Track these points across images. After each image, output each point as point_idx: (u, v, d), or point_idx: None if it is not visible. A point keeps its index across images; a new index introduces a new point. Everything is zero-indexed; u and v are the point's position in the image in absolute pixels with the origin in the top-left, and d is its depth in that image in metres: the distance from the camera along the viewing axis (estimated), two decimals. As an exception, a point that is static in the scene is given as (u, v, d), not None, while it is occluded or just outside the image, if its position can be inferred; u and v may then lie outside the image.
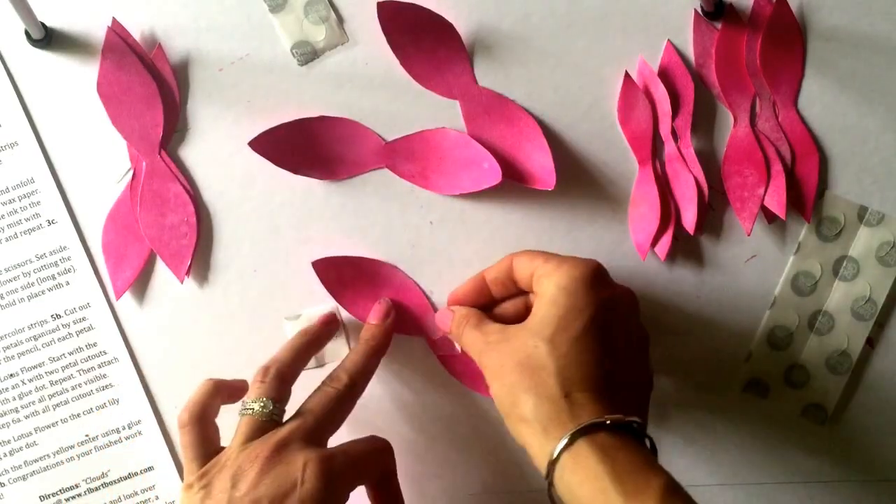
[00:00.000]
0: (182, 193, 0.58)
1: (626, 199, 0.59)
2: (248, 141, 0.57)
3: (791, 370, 0.60)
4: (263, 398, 0.51)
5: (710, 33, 0.58)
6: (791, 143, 0.58)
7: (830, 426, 0.61)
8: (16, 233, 0.58)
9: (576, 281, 0.49)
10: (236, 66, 0.59)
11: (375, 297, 0.58)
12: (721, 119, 0.59)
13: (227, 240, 0.59)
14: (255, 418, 0.50)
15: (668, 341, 0.59)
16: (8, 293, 0.58)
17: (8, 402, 0.59)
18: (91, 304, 0.59)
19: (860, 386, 0.60)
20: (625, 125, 0.58)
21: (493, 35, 0.58)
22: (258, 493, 0.46)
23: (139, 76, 0.57)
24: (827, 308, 0.60)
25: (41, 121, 0.58)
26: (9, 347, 0.58)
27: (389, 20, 0.57)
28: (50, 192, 0.58)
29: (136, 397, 0.59)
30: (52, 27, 0.58)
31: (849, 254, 0.59)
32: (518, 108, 0.58)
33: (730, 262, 0.59)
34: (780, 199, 0.58)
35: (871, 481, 0.61)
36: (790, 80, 0.58)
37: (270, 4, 0.58)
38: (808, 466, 0.61)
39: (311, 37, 0.58)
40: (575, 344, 0.47)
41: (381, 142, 0.58)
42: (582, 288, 0.49)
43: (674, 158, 0.58)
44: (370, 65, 0.59)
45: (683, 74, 0.58)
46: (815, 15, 0.58)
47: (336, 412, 0.52)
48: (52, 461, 0.59)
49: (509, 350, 0.49)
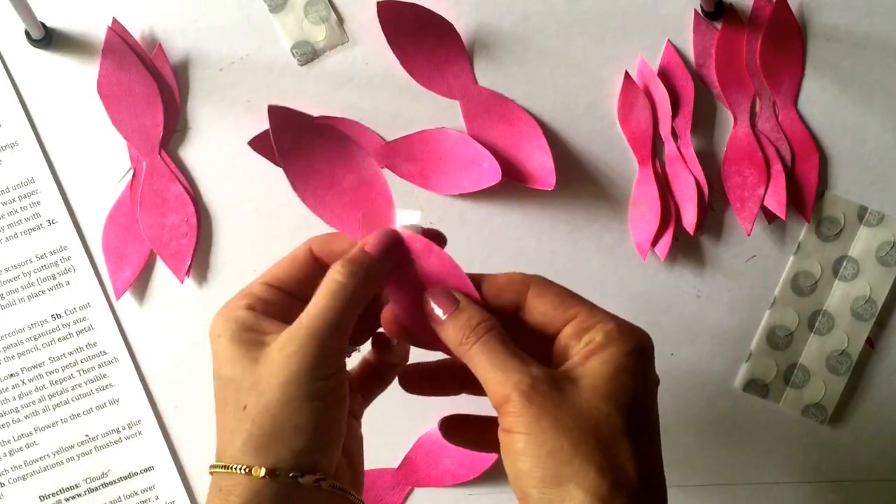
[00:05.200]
0: (182, 193, 0.58)
1: (626, 199, 0.59)
2: (248, 141, 0.57)
3: (791, 370, 0.60)
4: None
5: (710, 33, 0.58)
6: (791, 143, 0.58)
7: (830, 426, 0.61)
8: (16, 233, 0.58)
9: (645, 353, 0.39)
10: (236, 66, 0.59)
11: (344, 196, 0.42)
12: (721, 119, 0.59)
13: (227, 240, 0.59)
14: None
15: (668, 341, 0.59)
16: (8, 293, 0.58)
17: (8, 402, 0.59)
18: (91, 304, 0.59)
19: (860, 386, 0.60)
20: (625, 125, 0.58)
21: (493, 35, 0.58)
22: None
23: (139, 76, 0.57)
24: (827, 308, 0.60)
25: (41, 121, 0.58)
26: (9, 347, 0.58)
27: (389, 20, 0.57)
28: (50, 192, 0.58)
29: (136, 397, 0.59)
30: (52, 27, 0.58)
31: (849, 254, 0.59)
32: (518, 108, 0.58)
33: (730, 262, 0.59)
34: (780, 199, 0.58)
35: (871, 481, 0.61)
36: (790, 80, 0.58)
37: (270, 4, 0.58)
38: (808, 466, 0.61)
39: (311, 37, 0.58)
40: (647, 426, 0.37)
41: (381, 142, 0.58)
42: (647, 363, 0.39)
43: (674, 158, 0.58)
44: (370, 65, 0.59)
45: (683, 74, 0.58)
46: (815, 15, 0.58)
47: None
48: (52, 461, 0.59)
49: (566, 405, 0.36)
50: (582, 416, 0.36)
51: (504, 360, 0.37)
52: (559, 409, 0.36)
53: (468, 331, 0.38)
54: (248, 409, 0.37)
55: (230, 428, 0.38)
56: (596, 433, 0.35)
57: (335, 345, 0.38)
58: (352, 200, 0.41)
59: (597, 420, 0.36)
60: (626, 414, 0.36)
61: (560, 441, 0.35)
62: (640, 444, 0.36)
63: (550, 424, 0.35)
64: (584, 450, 0.35)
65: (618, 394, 0.36)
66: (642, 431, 0.37)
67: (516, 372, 0.37)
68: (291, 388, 0.37)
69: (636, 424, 0.36)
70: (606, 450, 0.35)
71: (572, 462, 0.35)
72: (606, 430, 0.36)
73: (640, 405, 0.37)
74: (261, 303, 0.40)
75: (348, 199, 0.41)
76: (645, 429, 0.37)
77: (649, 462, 0.36)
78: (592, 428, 0.36)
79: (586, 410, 0.36)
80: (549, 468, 0.35)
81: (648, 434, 0.37)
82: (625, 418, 0.36)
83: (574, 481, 0.35)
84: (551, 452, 0.35)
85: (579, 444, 0.35)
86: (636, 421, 0.36)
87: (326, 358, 0.38)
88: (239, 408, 0.38)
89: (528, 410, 0.36)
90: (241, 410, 0.38)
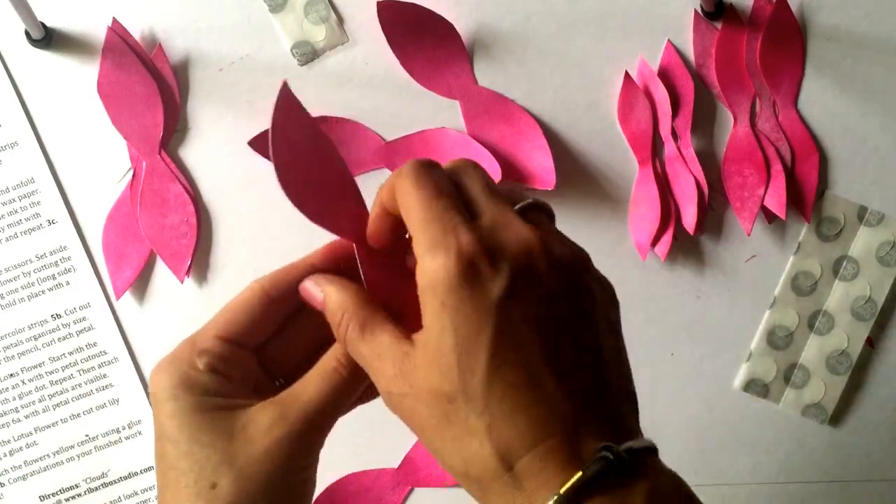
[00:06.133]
0: (182, 193, 0.58)
1: (626, 199, 0.59)
2: (248, 141, 0.57)
3: (791, 370, 0.60)
4: None
5: (710, 33, 0.58)
6: (791, 143, 0.58)
7: (830, 426, 0.61)
8: (16, 233, 0.58)
9: (445, 288, 0.32)
10: (236, 66, 0.59)
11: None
12: (721, 119, 0.59)
13: (227, 240, 0.59)
14: None
15: (668, 341, 0.59)
16: (8, 293, 0.58)
17: (8, 402, 0.59)
18: (91, 304, 0.59)
19: (860, 386, 0.60)
20: (625, 125, 0.58)
21: (493, 35, 0.58)
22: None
23: (139, 76, 0.57)
24: (827, 308, 0.60)
25: (41, 121, 0.58)
26: (9, 347, 0.58)
27: (389, 20, 0.57)
28: (50, 192, 0.58)
29: (136, 397, 0.59)
30: (52, 27, 0.58)
31: (849, 254, 0.59)
32: (518, 108, 0.58)
33: (730, 262, 0.59)
34: (780, 199, 0.58)
35: (871, 481, 0.61)
36: (790, 80, 0.58)
37: (270, 4, 0.58)
38: (808, 466, 0.61)
39: (311, 37, 0.58)
40: (492, 378, 0.31)
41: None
42: (455, 295, 0.32)
43: (674, 158, 0.58)
44: (370, 65, 0.59)
45: (683, 74, 0.58)
46: (815, 15, 0.58)
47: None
48: (52, 461, 0.59)
49: (418, 389, 0.32)
50: (426, 398, 0.32)
51: (364, 350, 0.34)
52: (413, 397, 0.33)
53: (342, 329, 0.35)
54: (218, 490, 0.34)
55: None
56: (444, 413, 0.32)
57: (323, 434, 0.36)
58: (331, 195, 0.39)
59: (437, 395, 0.32)
60: (461, 381, 0.31)
61: (433, 438, 0.33)
62: (495, 410, 0.31)
63: (416, 418, 0.33)
64: (440, 440, 0.32)
65: (441, 353, 0.32)
66: (509, 379, 0.31)
67: (375, 366, 0.34)
68: (274, 476, 0.34)
69: (486, 386, 0.31)
70: (459, 435, 0.32)
71: (445, 457, 0.33)
72: (451, 407, 0.32)
73: (476, 354, 0.31)
74: (221, 362, 0.36)
75: (329, 192, 0.39)
76: (513, 373, 0.32)
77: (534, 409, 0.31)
78: (439, 410, 0.32)
79: (427, 387, 0.32)
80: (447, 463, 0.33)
81: (520, 373, 0.32)
82: (462, 390, 0.31)
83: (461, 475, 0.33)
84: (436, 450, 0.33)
85: (441, 436, 0.32)
86: (483, 382, 0.31)
87: (312, 447, 0.36)
88: (204, 484, 0.34)
89: (399, 409, 0.34)
90: (208, 489, 0.34)
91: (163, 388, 0.36)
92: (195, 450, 0.35)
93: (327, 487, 0.59)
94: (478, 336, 0.31)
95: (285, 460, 0.35)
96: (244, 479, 0.34)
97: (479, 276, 0.32)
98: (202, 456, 0.35)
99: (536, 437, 0.31)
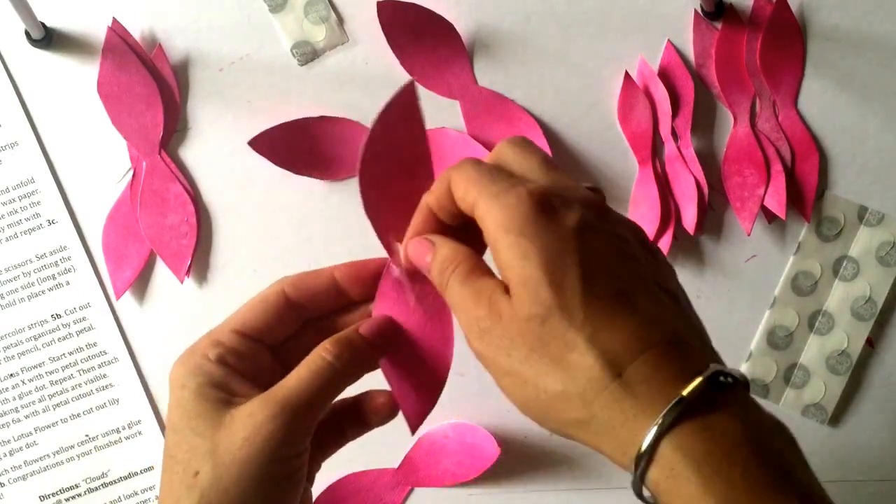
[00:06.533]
0: (182, 193, 0.58)
1: (626, 199, 0.59)
2: (248, 141, 0.57)
3: (791, 370, 0.60)
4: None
5: (710, 33, 0.58)
6: (791, 143, 0.58)
7: (830, 426, 0.61)
8: (16, 233, 0.58)
9: (521, 220, 0.33)
10: (236, 66, 0.59)
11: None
12: (721, 119, 0.59)
13: (227, 240, 0.59)
14: None
15: (668, 341, 0.59)
16: (8, 293, 0.58)
17: (8, 402, 0.59)
18: (91, 304, 0.59)
19: (860, 386, 0.60)
20: (625, 125, 0.58)
21: (493, 35, 0.58)
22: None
23: (139, 76, 0.57)
24: (827, 308, 0.60)
25: (41, 121, 0.58)
26: (9, 347, 0.58)
27: (389, 20, 0.57)
28: (50, 192, 0.58)
29: (136, 397, 0.59)
30: (52, 27, 0.58)
31: (849, 254, 0.59)
32: (518, 108, 0.58)
33: (730, 262, 0.59)
34: (780, 199, 0.58)
35: (871, 481, 0.61)
36: (790, 80, 0.58)
37: (270, 4, 0.58)
38: (808, 466, 0.61)
39: (311, 37, 0.58)
40: (587, 289, 0.32)
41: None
42: (533, 225, 0.33)
43: (674, 158, 0.58)
44: (370, 65, 0.59)
45: (683, 74, 0.58)
46: (815, 15, 0.58)
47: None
48: (52, 461, 0.59)
49: (508, 318, 0.33)
50: (525, 333, 0.33)
51: (463, 293, 0.35)
52: (509, 337, 0.33)
53: (445, 273, 0.36)
54: (199, 478, 0.35)
55: (176, 494, 0.35)
56: (541, 344, 0.32)
57: (306, 424, 0.36)
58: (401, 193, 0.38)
59: (537, 332, 0.32)
60: (559, 305, 0.32)
61: (526, 371, 0.33)
62: (596, 323, 0.32)
63: (507, 359, 0.33)
64: (535, 370, 0.33)
65: (535, 288, 0.32)
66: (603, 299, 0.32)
67: (471, 310, 0.34)
68: (250, 465, 0.35)
69: (582, 302, 0.32)
70: (560, 359, 0.32)
71: (539, 390, 0.33)
72: (550, 337, 0.32)
73: (563, 275, 0.32)
74: (232, 355, 0.37)
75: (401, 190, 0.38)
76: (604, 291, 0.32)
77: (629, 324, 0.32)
78: (536, 342, 0.32)
79: (527, 324, 0.33)
80: (535, 404, 0.33)
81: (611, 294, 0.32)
82: (561, 310, 0.32)
83: (556, 408, 0.33)
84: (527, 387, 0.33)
85: (537, 367, 0.32)
86: (579, 298, 0.32)
87: (293, 435, 0.36)
88: (190, 472, 0.35)
89: (483, 353, 0.34)
90: (191, 476, 0.35)
91: (176, 377, 0.37)
92: (189, 438, 0.36)
93: (327, 487, 0.59)
94: (563, 257, 0.32)
95: (264, 447, 0.35)
96: (221, 467, 0.35)
97: (553, 210, 0.33)
98: (194, 444, 0.36)
99: (642, 345, 0.32)
